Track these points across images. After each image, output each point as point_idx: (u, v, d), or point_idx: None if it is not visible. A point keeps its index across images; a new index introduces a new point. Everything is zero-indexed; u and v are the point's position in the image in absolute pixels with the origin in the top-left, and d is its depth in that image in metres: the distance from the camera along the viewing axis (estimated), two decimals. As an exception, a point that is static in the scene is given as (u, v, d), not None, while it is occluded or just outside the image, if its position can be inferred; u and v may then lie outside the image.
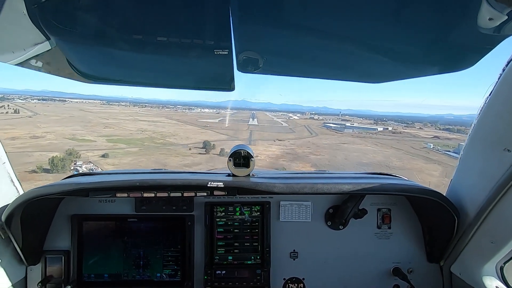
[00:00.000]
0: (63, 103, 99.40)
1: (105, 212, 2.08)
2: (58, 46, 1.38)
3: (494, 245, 1.60)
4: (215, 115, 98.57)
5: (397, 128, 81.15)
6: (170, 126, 76.90)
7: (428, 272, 2.07)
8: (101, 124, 70.36)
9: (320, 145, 62.24)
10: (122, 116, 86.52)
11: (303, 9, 1.18)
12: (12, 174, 1.97)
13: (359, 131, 78.61)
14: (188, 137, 64.06)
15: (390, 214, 2.12)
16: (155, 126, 75.01)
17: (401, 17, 1.20)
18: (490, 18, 1.06)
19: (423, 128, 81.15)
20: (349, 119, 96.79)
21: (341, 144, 63.78)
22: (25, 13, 1.15)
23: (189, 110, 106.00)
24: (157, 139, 61.44)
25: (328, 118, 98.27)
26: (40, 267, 2.01)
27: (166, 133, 67.60)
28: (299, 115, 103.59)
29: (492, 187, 1.52)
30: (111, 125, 70.61)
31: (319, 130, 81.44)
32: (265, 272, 2.06)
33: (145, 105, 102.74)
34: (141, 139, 59.72)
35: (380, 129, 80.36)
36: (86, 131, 61.67)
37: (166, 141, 60.41)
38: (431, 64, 1.51)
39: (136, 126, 73.66)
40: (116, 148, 50.83)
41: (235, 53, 1.32)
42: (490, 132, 1.56)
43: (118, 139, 56.96)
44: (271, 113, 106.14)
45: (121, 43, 1.39)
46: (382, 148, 60.35)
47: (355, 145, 63.77)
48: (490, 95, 1.48)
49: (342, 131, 78.30)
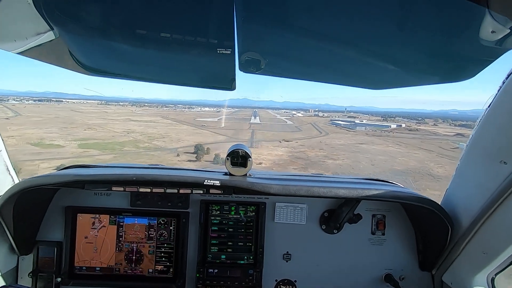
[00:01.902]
0: (58, 103, 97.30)
1: (100, 205, 2.08)
2: (61, 37, 1.37)
3: (486, 256, 1.61)
4: (215, 113, 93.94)
5: (411, 125, 77.72)
6: (162, 127, 70.95)
7: (420, 280, 2.08)
8: (84, 125, 65.20)
9: (335, 146, 55.25)
10: (114, 116, 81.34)
11: (308, 12, 1.18)
12: (8, 163, 1.96)
13: (372, 128, 73.77)
14: (179, 139, 58.27)
15: (385, 221, 2.12)
16: (146, 126, 69.88)
17: (405, 26, 1.20)
18: (492, 31, 1.07)
19: (437, 124, 77.60)
20: (356, 116, 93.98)
21: (359, 144, 56.98)
22: (30, 2, 1.15)
23: (189, 109, 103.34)
24: (142, 142, 55.25)
25: (333, 115, 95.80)
26: (32, 257, 2.01)
27: (156, 134, 61.99)
28: (302, 112, 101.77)
29: (487, 199, 1.53)
30: (96, 126, 65.35)
31: (328, 128, 75.00)
32: (257, 273, 2.06)
33: (144, 105, 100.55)
34: (122, 143, 52.85)
35: (394, 126, 75.74)
36: (61, 133, 56.31)
37: (152, 144, 54.13)
38: (432, 74, 1.52)
39: (124, 127, 68.30)
40: (84, 155, 43.74)
41: (238, 53, 1.33)
42: (488, 144, 1.56)
43: (93, 144, 50.47)
44: (274, 111, 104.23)
45: (124, 37, 1.39)
46: (408, 149, 53.38)
47: (375, 145, 56.75)
48: (489, 107, 1.49)
49: (354, 129, 73.54)
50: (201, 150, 46.25)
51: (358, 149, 52.90)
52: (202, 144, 50.42)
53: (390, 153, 50.59)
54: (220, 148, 46.64)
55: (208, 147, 48.43)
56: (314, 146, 55.31)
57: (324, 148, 52.90)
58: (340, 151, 50.85)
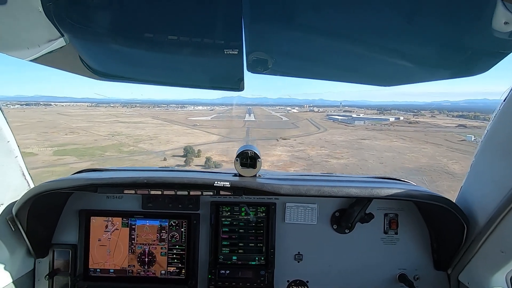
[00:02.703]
0: (46, 107, 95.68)
1: (112, 208, 2.11)
2: (72, 43, 1.40)
3: (504, 254, 1.56)
4: (209, 112, 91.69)
5: (409, 118, 75.05)
6: (152, 127, 65.68)
7: (435, 280, 2.04)
8: (67, 130, 59.67)
9: (336, 143, 50.52)
10: (102, 118, 76.51)
11: (315, 10, 1.17)
12: (24, 168, 2.01)
13: (371, 122, 70.48)
14: (169, 141, 52.92)
15: (397, 220, 2.09)
16: (135, 128, 64.67)
17: (414, 19, 1.18)
18: (505, 22, 1.03)
19: (435, 116, 74.61)
20: (351, 110, 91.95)
21: (361, 140, 52.28)
22: (41, 10, 1.18)
23: (181, 108, 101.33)
24: (126, 145, 49.18)
25: (329, 110, 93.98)
26: (48, 260, 2.05)
27: (143, 136, 56.49)
28: (297, 108, 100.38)
29: (504, 195, 1.49)
30: (80, 130, 60.00)
31: (325, 124, 70.79)
32: (269, 274, 2.05)
33: (135, 105, 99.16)
34: (105, 147, 47.42)
35: (392, 119, 72.74)
36: (39, 139, 50.53)
37: (137, 148, 48.18)
38: (444, 68, 1.49)
39: (111, 129, 62.99)
40: (58, 163, 38.03)
41: (245, 53, 1.32)
42: (504, 139, 1.52)
43: (71, 150, 44.59)
44: (268, 108, 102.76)
45: (132, 41, 1.40)
46: (414, 144, 48.41)
47: (378, 140, 52.07)
48: (505, 101, 1.45)
49: (352, 123, 70.19)
50: (191, 153, 41.36)
51: (361, 145, 48.79)
52: (192, 145, 45.91)
53: (397, 148, 46.15)
54: (213, 150, 43.47)
55: (199, 149, 44.52)
56: (314, 143, 51.03)
57: (326, 146, 48.51)
58: (343, 148, 46.70)
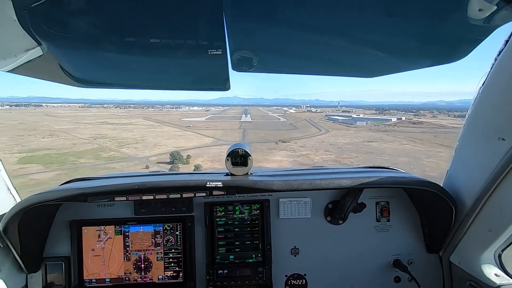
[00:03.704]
0: (35, 108, 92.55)
1: (104, 216, 2.07)
2: (50, 52, 1.36)
3: (491, 233, 1.63)
4: (204, 113, 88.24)
5: (411, 118, 73.73)
6: (141, 129, 60.48)
7: (428, 262, 2.10)
8: (47, 132, 54.61)
9: (342, 146, 45.07)
10: (90, 120, 71.09)
11: (296, 6, 1.18)
12: (9, 182, 1.95)
13: (373, 123, 67.56)
14: (156, 144, 47.60)
15: (389, 207, 2.14)
16: (122, 130, 59.41)
17: (392, 11, 1.20)
18: (479, 9, 1.07)
19: (436, 116, 73.12)
20: (350, 111, 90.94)
21: (368, 142, 47.26)
22: (15, 19, 1.14)
23: (176, 109, 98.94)
24: (107, 150, 45.13)
25: (327, 111, 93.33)
26: (40, 274, 2.00)
27: (129, 139, 51.47)
28: (294, 108, 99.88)
29: (488, 176, 1.55)
30: (61, 132, 54.66)
31: (326, 125, 66.61)
32: (267, 270, 2.06)
33: (129, 106, 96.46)
34: (82, 152, 42.94)
35: (394, 119, 70.64)
36: (9, 144, 45.98)
37: (119, 153, 43.43)
38: (423, 57, 1.52)
39: (95, 131, 57.58)
40: (17, 174, 33.57)
41: (229, 53, 1.32)
42: (484, 122, 1.57)
43: (40, 156, 40.58)
44: (265, 108, 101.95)
45: (114, 46, 1.38)
46: (427, 147, 43.14)
47: (387, 143, 46.79)
48: (483, 85, 1.50)
49: (354, 124, 67.49)
50: (178, 159, 37.63)
51: (369, 148, 43.71)
52: (182, 149, 40.75)
53: (410, 152, 41.36)
54: (204, 155, 38.62)
55: (188, 154, 40.50)
56: (318, 146, 45.85)
57: (331, 150, 43.30)
58: (350, 152, 41.29)
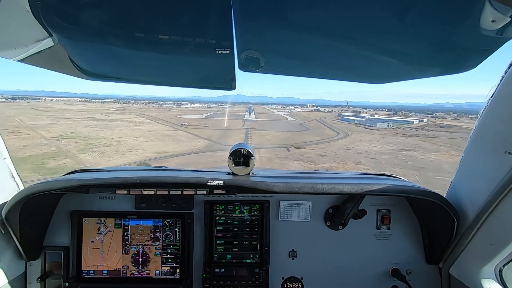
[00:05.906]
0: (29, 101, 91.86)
1: (105, 208, 2.09)
2: (60, 43, 1.38)
3: (493, 247, 1.60)
4: (205, 110, 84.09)
5: (434, 120, 70.21)
6: (126, 127, 51.67)
7: (427, 273, 2.07)
8: (11, 128, 49.36)
9: (375, 156, 35.08)
10: (75, 115, 65.00)
11: (306, 8, 1.18)
12: (13, 169, 1.98)
13: (396, 125, 60.77)
14: (132, 148, 38.32)
15: (390, 215, 2.12)
16: (103, 127, 51.65)
17: (404, 18, 1.19)
18: (493, 20, 1.06)
19: (459, 118, 69.25)
20: (359, 111, 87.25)
21: (406, 151, 37.28)
22: (28, 9, 1.15)
23: (177, 105, 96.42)
24: (60, 157, 35.64)
25: (335, 110, 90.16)
26: (39, 262, 2.02)
27: (104, 140, 42.84)
28: (300, 107, 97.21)
29: (492, 190, 1.52)
30: (27, 129, 48.42)
31: (340, 126, 57.25)
32: (264, 271, 2.06)
33: (128, 102, 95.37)
34: (24, 159, 34.22)
35: (416, 122, 65.65)
36: None
37: (76, 160, 34.83)
38: (433, 66, 1.51)
39: (69, 129, 50.85)
40: None
41: (237, 52, 1.32)
42: (491, 134, 1.55)
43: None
44: (270, 107, 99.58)
45: (123, 41, 1.39)
46: None
47: (431, 153, 37.54)
48: (492, 97, 1.48)
49: (373, 125, 61.07)
50: None
51: (412, 160, 34.16)
52: (161, 158, 31.35)
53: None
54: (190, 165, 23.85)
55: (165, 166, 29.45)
56: (342, 155, 35.71)
57: (363, 161, 33.84)
58: (390, 166, 31.73)
